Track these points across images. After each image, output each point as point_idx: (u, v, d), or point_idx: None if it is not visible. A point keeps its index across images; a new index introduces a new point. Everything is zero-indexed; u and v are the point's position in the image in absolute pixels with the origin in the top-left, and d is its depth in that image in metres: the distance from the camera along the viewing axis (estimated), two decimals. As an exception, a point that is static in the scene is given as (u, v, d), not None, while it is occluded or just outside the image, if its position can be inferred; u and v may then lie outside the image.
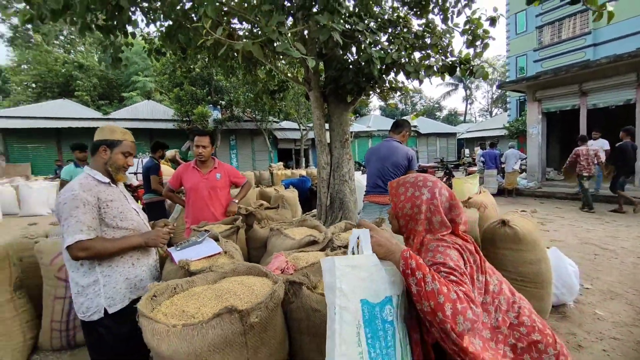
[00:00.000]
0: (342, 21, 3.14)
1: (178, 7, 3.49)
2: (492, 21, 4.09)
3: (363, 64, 3.46)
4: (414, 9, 4.46)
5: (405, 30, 4.03)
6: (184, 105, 14.76)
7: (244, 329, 0.97)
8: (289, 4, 3.56)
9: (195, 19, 3.60)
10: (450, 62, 3.90)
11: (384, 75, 3.90)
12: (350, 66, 3.88)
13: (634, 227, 5.19)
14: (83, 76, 23.13)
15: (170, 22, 3.59)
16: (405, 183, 1.14)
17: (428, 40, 4.00)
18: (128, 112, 17.20)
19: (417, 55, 3.91)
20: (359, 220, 1.06)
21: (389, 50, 3.37)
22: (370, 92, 4.57)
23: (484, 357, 0.86)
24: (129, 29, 3.64)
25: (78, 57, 24.59)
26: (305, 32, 3.84)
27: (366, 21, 3.69)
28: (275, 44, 2.44)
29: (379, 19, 4.02)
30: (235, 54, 4.23)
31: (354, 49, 3.95)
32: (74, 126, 14.80)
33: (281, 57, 4.63)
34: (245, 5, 3.76)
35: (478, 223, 2.91)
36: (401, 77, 3.99)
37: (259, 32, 3.55)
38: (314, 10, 3.38)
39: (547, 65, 18.82)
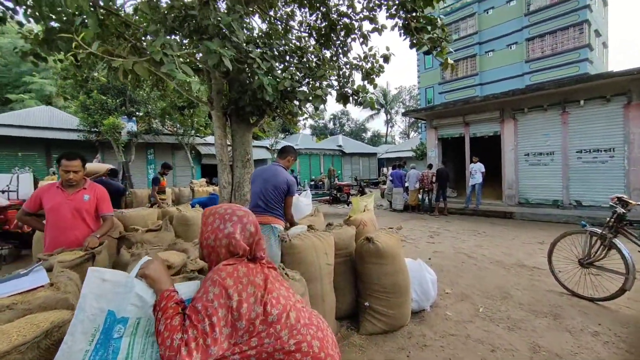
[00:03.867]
0: (235, 47, 3.23)
1: (59, 9, 3.18)
2: (386, 58, 4.69)
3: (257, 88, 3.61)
4: (320, 40, 4.90)
5: (301, 61, 4.34)
6: (91, 115, 13.09)
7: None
8: (182, 26, 3.53)
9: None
10: (344, 92, 4.33)
11: (281, 101, 4.10)
12: (248, 90, 4.00)
13: (495, 238, 6.26)
14: None
15: (48, 25, 3.22)
16: (215, 214, 1.18)
17: (324, 72, 4.37)
18: (16, 118, 14.43)
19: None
20: (155, 254, 1.12)
21: (280, 78, 3.56)
22: (275, 115, 4.78)
23: None
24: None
25: None
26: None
27: (262, 49, 3.88)
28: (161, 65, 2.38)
29: (277, 48, 4.27)
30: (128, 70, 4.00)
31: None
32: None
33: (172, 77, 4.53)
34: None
35: (355, 239, 3.19)
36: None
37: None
38: (206, 35, 3.43)
39: (449, 97, 21.96)
